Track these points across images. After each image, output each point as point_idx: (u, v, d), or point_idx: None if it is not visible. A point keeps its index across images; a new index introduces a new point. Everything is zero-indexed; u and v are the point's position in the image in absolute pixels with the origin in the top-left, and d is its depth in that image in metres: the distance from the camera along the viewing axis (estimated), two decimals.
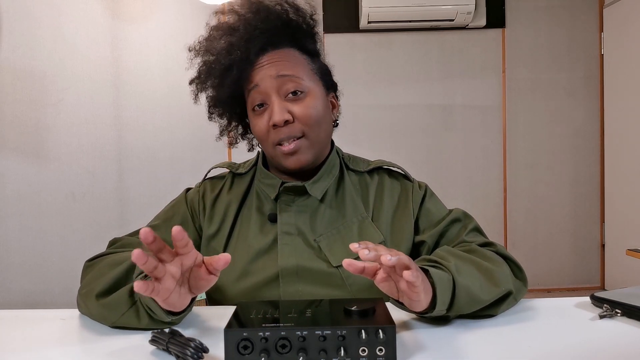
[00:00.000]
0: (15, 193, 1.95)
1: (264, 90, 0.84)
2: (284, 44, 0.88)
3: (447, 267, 0.69)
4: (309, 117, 0.84)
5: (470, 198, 3.06)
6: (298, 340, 0.55)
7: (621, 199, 2.91)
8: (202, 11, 2.70)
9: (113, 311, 0.71)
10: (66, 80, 2.11)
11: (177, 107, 2.57)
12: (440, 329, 0.69)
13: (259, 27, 0.85)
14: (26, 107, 1.99)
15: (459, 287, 0.67)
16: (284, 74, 0.84)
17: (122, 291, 0.72)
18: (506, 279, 0.75)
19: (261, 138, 0.87)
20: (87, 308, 0.76)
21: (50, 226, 2.05)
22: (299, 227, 0.87)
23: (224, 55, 0.86)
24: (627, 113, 2.83)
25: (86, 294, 0.76)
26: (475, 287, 0.69)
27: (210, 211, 0.92)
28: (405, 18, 2.86)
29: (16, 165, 1.95)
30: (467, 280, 0.69)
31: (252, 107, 0.87)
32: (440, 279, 0.66)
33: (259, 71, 0.85)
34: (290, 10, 0.89)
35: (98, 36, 2.24)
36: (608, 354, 0.60)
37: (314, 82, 0.88)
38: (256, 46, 0.85)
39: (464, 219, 0.89)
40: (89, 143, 2.17)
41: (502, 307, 0.74)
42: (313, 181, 0.88)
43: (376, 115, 3.01)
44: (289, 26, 0.88)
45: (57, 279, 2.07)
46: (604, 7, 3.01)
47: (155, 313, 0.67)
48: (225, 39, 0.87)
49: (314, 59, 0.92)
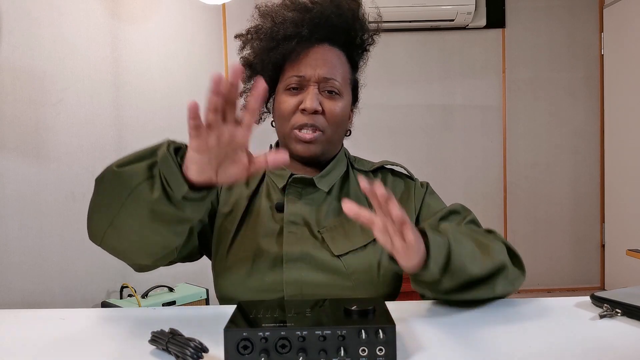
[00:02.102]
0: (15, 193, 1.95)
1: (307, 80, 0.88)
2: (340, 44, 0.92)
3: (445, 233, 0.72)
4: (335, 116, 0.89)
5: (470, 198, 3.06)
6: (298, 340, 0.55)
7: (621, 199, 2.91)
8: (202, 11, 2.70)
9: (129, 180, 0.69)
10: (66, 80, 2.11)
11: (178, 107, 2.56)
12: (441, 329, 0.69)
13: (331, 18, 0.89)
14: (26, 107, 1.99)
15: (454, 251, 0.69)
16: (330, 77, 0.88)
17: (142, 163, 0.70)
18: (501, 254, 0.77)
19: (284, 117, 0.90)
20: (101, 190, 0.74)
21: (50, 226, 2.05)
22: (305, 218, 0.89)
23: (289, 25, 0.88)
24: (627, 113, 2.83)
25: (104, 171, 0.74)
26: (470, 255, 0.71)
27: (227, 191, 0.95)
28: (405, 18, 2.86)
29: (16, 165, 1.95)
30: (463, 248, 0.71)
31: (287, 86, 0.89)
32: (435, 239, 0.68)
33: (310, 62, 0.88)
34: (359, 20, 0.93)
35: (98, 36, 2.24)
36: (608, 353, 0.59)
37: (347, 89, 0.93)
38: (321, 34, 0.89)
39: (463, 211, 0.92)
40: (89, 143, 2.17)
41: (497, 286, 0.75)
42: (321, 175, 0.92)
43: (376, 115, 3.01)
44: (351, 32, 0.93)
45: (57, 279, 2.07)
46: (604, 7, 3.01)
47: (171, 183, 0.67)
48: (296, 13, 0.89)
49: (354, 71, 0.97)
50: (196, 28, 2.68)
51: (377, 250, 0.87)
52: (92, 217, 0.77)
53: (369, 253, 0.87)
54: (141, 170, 0.69)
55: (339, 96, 0.90)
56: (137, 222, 0.71)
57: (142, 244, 0.75)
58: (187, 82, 2.61)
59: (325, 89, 0.88)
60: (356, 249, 0.87)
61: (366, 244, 0.87)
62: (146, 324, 0.74)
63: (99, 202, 0.75)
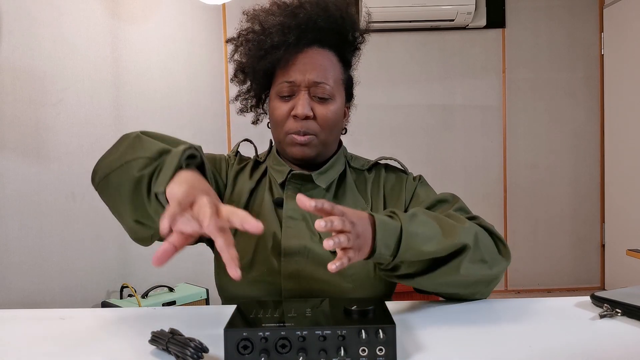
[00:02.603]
0: (15, 193, 1.94)
1: (297, 85, 0.89)
2: (330, 46, 0.92)
3: (399, 216, 0.72)
4: (327, 120, 0.90)
5: (470, 198, 3.05)
6: (298, 340, 0.55)
7: (621, 199, 2.91)
8: (202, 11, 2.70)
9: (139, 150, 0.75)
10: (66, 80, 2.11)
11: (177, 107, 2.57)
12: (441, 329, 0.69)
13: (318, 22, 0.89)
14: (26, 107, 1.98)
15: (405, 233, 0.69)
16: (320, 82, 0.88)
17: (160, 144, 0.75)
18: (468, 235, 0.75)
19: (278, 123, 0.91)
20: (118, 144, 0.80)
21: (50, 226, 2.05)
22: (303, 214, 0.90)
23: (276, 32, 0.88)
24: (627, 113, 2.83)
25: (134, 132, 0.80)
26: (426, 235, 0.71)
27: (232, 181, 0.97)
28: (405, 18, 2.86)
29: (16, 165, 1.95)
30: (418, 228, 0.71)
31: (278, 92, 0.90)
32: (383, 223, 0.68)
33: (299, 67, 0.88)
34: (348, 19, 0.93)
35: (98, 36, 2.24)
36: (608, 354, 0.59)
37: (339, 91, 0.93)
38: (309, 38, 0.89)
39: (452, 200, 0.92)
40: (89, 143, 2.17)
41: (463, 265, 0.74)
42: (320, 172, 0.93)
43: (376, 115, 3.01)
44: (341, 32, 0.93)
45: (57, 278, 2.06)
46: (604, 7, 3.01)
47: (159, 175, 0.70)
48: (282, 18, 0.90)
49: (347, 69, 0.97)
50: (196, 28, 2.68)
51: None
52: (100, 162, 0.81)
53: None
54: (153, 149, 0.74)
55: (330, 100, 0.90)
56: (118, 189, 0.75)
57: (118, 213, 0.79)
58: (187, 82, 2.61)
59: (316, 94, 0.89)
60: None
61: None
62: (146, 324, 0.73)
63: (111, 153, 0.80)
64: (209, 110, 2.73)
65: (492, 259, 0.78)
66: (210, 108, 2.74)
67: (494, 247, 0.80)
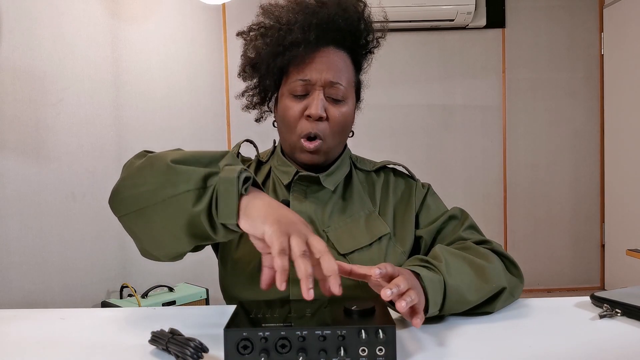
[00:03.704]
0: (15, 193, 1.94)
1: (313, 84, 0.86)
2: (345, 47, 0.91)
3: (438, 268, 0.72)
4: (338, 123, 0.88)
5: (470, 198, 3.06)
6: (298, 340, 0.55)
7: (621, 199, 2.91)
8: (202, 11, 2.70)
9: (179, 181, 0.66)
10: (66, 80, 2.11)
11: (178, 107, 2.57)
12: (441, 329, 0.69)
13: (338, 22, 0.88)
14: (26, 107, 1.98)
15: (449, 287, 0.70)
16: (335, 82, 0.87)
17: (199, 170, 0.66)
18: (498, 276, 0.77)
19: (290, 124, 0.88)
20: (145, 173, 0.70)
21: (50, 226, 2.05)
22: (310, 216, 0.89)
23: (298, 29, 0.86)
24: (627, 113, 2.83)
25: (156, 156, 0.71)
26: (466, 286, 0.72)
27: None
28: (405, 18, 2.86)
29: (16, 165, 1.95)
30: (458, 280, 0.72)
31: (291, 90, 0.88)
32: (431, 281, 0.69)
33: (316, 66, 0.87)
34: (365, 22, 0.92)
35: (98, 36, 2.24)
36: (608, 354, 0.59)
37: (351, 93, 0.92)
38: (327, 38, 0.88)
39: (461, 216, 0.93)
40: (89, 143, 2.17)
41: (497, 304, 0.76)
42: (327, 174, 0.92)
43: (376, 115, 3.01)
44: (357, 34, 0.92)
45: (57, 278, 2.06)
46: (604, 7, 3.01)
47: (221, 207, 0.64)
48: (304, 16, 0.87)
49: (357, 72, 0.96)
50: (196, 28, 2.68)
51: (382, 249, 0.88)
52: (122, 191, 0.74)
53: (374, 252, 0.87)
54: (196, 178, 0.66)
55: (343, 102, 0.89)
56: (166, 224, 0.68)
57: (159, 242, 0.73)
58: (187, 82, 2.61)
59: (330, 95, 0.87)
60: (362, 248, 0.87)
61: (371, 243, 0.88)
62: (146, 324, 0.74)
63: (137, 182, 0.71)
64: (209, 110, 2.73)
65: (512, 288, 0.79)
66: (210, 108, 2.74)
67: (511, 276, 0.81)
